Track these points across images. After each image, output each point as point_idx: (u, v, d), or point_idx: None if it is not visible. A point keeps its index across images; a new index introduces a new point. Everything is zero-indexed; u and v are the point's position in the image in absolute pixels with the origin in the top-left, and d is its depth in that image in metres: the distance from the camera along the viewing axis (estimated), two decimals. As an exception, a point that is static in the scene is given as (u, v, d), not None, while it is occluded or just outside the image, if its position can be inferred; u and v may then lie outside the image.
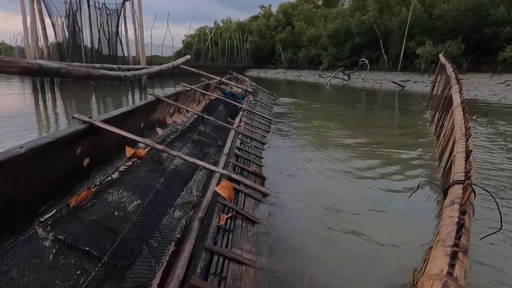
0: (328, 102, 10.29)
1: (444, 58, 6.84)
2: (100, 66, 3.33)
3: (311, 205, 2.32)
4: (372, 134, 5.01)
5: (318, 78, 20.44)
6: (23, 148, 1.52)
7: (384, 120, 6.68)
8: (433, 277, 0.80)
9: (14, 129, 4.91)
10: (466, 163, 1.65)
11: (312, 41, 25.41)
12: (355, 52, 20.95)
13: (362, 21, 19.49)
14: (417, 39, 16.55)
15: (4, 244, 1.34)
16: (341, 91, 14.48)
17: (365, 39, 19.80)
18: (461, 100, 3.17)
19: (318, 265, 1.66)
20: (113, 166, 2.47)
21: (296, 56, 27.44)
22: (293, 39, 28.71)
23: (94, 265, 1.33)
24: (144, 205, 1.89)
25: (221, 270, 1.37)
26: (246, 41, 33.75)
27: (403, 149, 4.03)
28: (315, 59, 25.08)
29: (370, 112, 8.26)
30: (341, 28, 21.17)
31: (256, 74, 29.31)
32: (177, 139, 3.51)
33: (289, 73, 26.29)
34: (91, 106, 8.57)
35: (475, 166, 1.80)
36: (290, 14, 31.52)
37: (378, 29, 18.57)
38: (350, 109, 8.41)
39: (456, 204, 1.20)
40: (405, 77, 15.95)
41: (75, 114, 2.12)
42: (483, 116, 6.34)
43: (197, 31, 37.32)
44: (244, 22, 39.35)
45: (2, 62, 1.38)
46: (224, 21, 43.71)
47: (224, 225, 1.71)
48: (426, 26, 16.51)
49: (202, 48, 31.04)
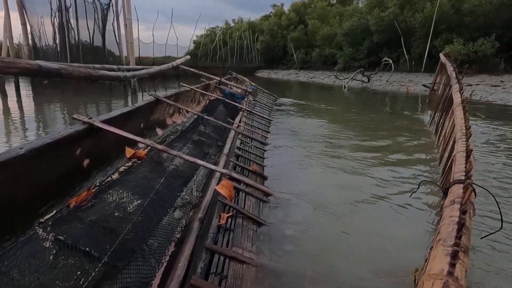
0: (348, 107, 9.13)
1: (444, 57, 6.84)
2: (100, 66, 3.33)
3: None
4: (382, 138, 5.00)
5: (333, 79, 18.62)
6: (23, 149, 1.52)
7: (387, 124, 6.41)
8: (434, 277, 0.79)
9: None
10: (467, 163, 1.65)
11: (326, 40, 24.31)
12: (373, 52, 19.46)
13: (381, 18, 18.06)
14: (444, 37, 15.05)
15: (4, 245, 1.34)
16: (361, 95, 12.87)
17: (384, 38, 18.31)
18: (461, 100, 3.17)
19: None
20: (113, 166, 2.47)
21: (309, 56, 26.27)
22: (305, 38, 27.62)
23: (94, 265, 1.33)
24: (144, 205, 1.89)
25: (221, 270, 1.37)
26: (256, 41, 32.52)
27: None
28: (329, 59, 23.93)
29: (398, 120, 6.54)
30: (358, 26, 19.68)
31: (266, 75, 27.98)
32: (177, 140, 3.51)
33: (302, 74, 24.79)
34: (64, 113, 6.92)
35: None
36: (302, 13, 30.44)
37: (399, 26, 17.06)
38: (374, 118, 6.95)
39: (457, 204, 1.20)
40: (432, 79, 14.20)
41: (75, 114, 2.12)
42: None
43: (208, 31, 36.17)
44: (255, 22, 37.94)
45: (1, 63, 1.38)
46: (235, 21, 42.35)
47: (224, 224, 1.71)
48: (454, 22, 15.05)
49: (210, 48, 29.79)
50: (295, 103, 9.05)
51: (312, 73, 23.95)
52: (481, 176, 2.85)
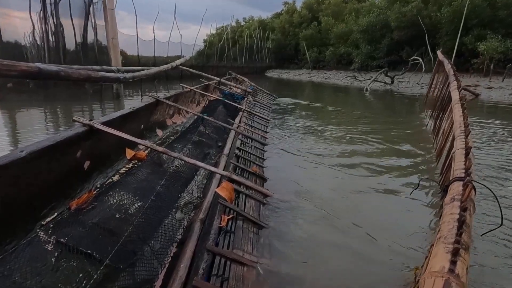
0: (370, 111, 7.46)
1: (441, 54, 6.84)
2: (100, 68, 3.33)
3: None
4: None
5: (351, 80, 16.75)
6: (23, 152, 1.52)
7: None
8: (435, 274, 0.80)
9: None
10: (466, 160, 1.65)
11: (341, 38, 22.95)
12: (393, 50, 17.88)
13: (402, 13, 16.48)
14: (475, 33, 13.58)
15: (6, 248, 1.35)
16: (386, 97, 11.15)
17: (405, 35, 16.73)
18: (459, 97, 3.17)
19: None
20: (113, 168, 2.47)
21: (322, 55, 24.78)
22: (319, 36, 26.19)
23: (96, 267, 1.33)
24: (145, 207, 1.89)
25: (223, 271, 1.37)
26: (267, 39, 30.93)
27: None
28: (344, 58, 22.48)
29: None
30: (377, 22, 18.15)
31: (277, 75, 26.18)
32: (177, 141, 3.51)
33: (315, 74, 23.03)
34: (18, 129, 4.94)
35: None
36: (315, 10, 28.97)
37: (422, 22, 15.39)
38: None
39: (457, 201, 1.20)
40: (469, 81, 11.82)
41: (75, 117, 2.12)
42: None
43: (218, 29, 34.24)
44: (266, 20, 36.18)
45: (1, 66, 1.38)
46: (246, 20, 40.40)
47: (225, 226, 1.71)
48: (487, 17, 13.61)
49: (217, 48, 27.76)
50: (312, 106, 8.09)
51: (326, 73, 22.31)
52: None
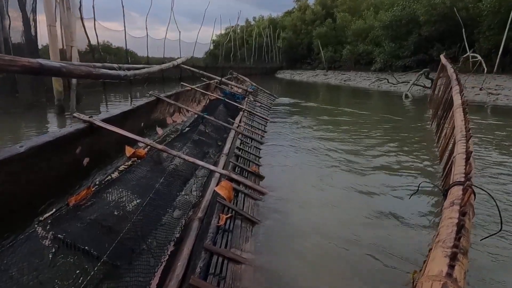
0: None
1: (444, 59, 6.84)
2: (101, 65, 3.32)
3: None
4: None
5: (377, 82, 14.70)
6: (23, 147, 1.52)
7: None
8: (433, 278, 0.79)
9: None
10: (466, 164, 1.65)
11: (359, 35, 21.06)
12: (422, 48, 15.69)
13: (433, 5, 14.32)
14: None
15: (3, 243, 1.34)
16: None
17: (437, 30, 14.58)
18: (461, 101, 3.17)
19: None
20: (113, 165, 2.47)
21: (338, 54, 22.83)
22: (334, 34, 24.33)
23: (93, 264, 1.33)
24: (143, 204, 1.89)
25: (220, 270, 1.37)
26: (278, 38, 29.17)
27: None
28: (363, 58, 20.55)
29: None
30: (402, 16, 16.04)
31: (289, 76, 23.96)
32: (177, 139, 3.51)
33: (331, 76, 20.83)
34: None
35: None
36: (329, 6, 27.16)
37: (458, 15, 13.21)
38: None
39: (456, 205, 1.20)
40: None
41: (76, 113, 2.12)
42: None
43: (227, 29, 32.44)
44: (277, 18, 34.15)
45: (2, 61, 1.37)
46: (255, 19, 38.56)
47: (223, 225, 1.71)
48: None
49: (223, 48, 26.90)
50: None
51: (344, 74, 20.03)
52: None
